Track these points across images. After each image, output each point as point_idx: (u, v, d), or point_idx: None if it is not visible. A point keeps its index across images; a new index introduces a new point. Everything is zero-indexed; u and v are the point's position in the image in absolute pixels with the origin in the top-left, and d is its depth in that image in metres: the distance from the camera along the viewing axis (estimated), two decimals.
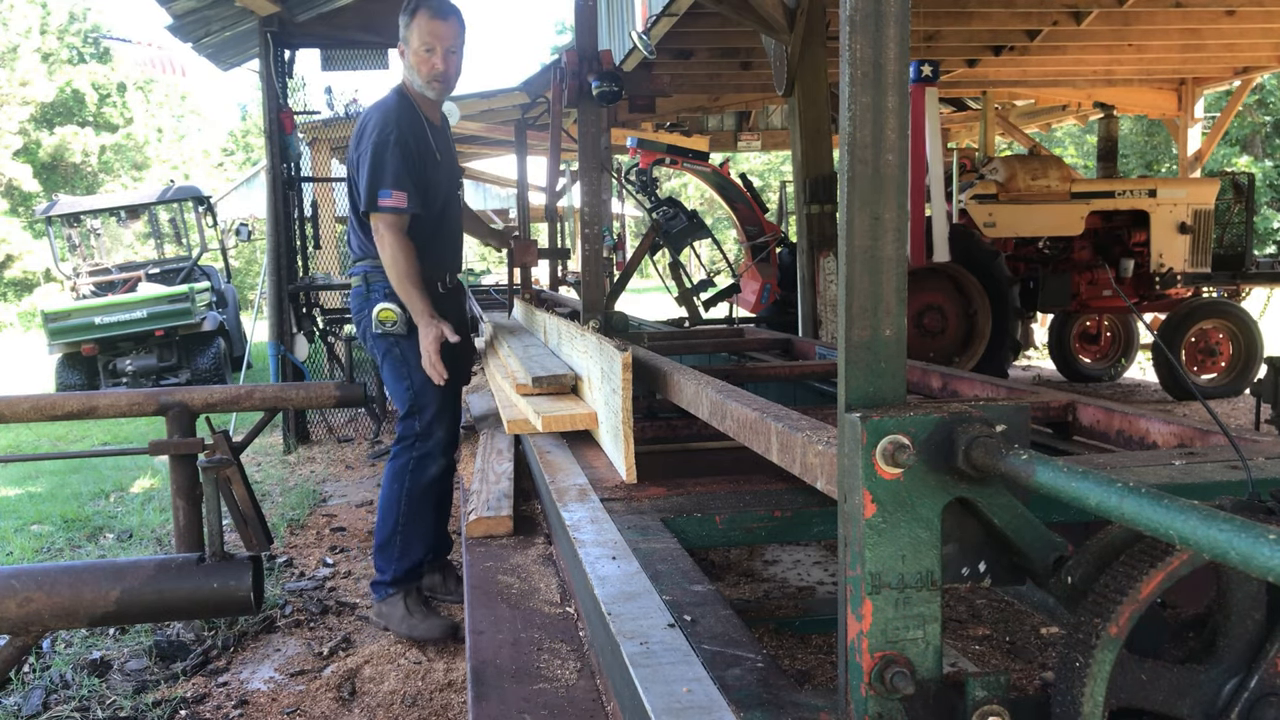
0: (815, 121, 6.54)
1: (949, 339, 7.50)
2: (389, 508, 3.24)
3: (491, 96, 10.95)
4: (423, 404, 3.20)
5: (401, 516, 3.22)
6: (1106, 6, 8.35)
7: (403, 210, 3.04)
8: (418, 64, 3.13)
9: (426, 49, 3.10)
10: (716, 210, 23.70)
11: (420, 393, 3.20)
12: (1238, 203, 8.56)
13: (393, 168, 3.03)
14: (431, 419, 3.22)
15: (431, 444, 3.24)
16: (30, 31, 30.60)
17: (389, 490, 3.25)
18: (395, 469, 3.24)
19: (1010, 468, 0.84)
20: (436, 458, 3.26)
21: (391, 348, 3.21)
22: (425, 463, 3.24)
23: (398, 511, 3.22)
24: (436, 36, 3.10)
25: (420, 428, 3.21)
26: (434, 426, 3.23)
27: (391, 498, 3.24)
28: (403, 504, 3.22)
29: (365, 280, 3.22)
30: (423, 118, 3.18)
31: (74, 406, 3.31)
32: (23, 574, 2.21)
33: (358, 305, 3.26)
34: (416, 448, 3.22)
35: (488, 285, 10.95)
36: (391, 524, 3.23)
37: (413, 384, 3.19)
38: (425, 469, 3.24)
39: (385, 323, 3.17)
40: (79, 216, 12.26)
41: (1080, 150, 24.15)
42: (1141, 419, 2.12)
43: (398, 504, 3.22)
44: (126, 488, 6.30)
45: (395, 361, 3.22)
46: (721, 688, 1.06)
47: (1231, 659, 0.89)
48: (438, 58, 3.13)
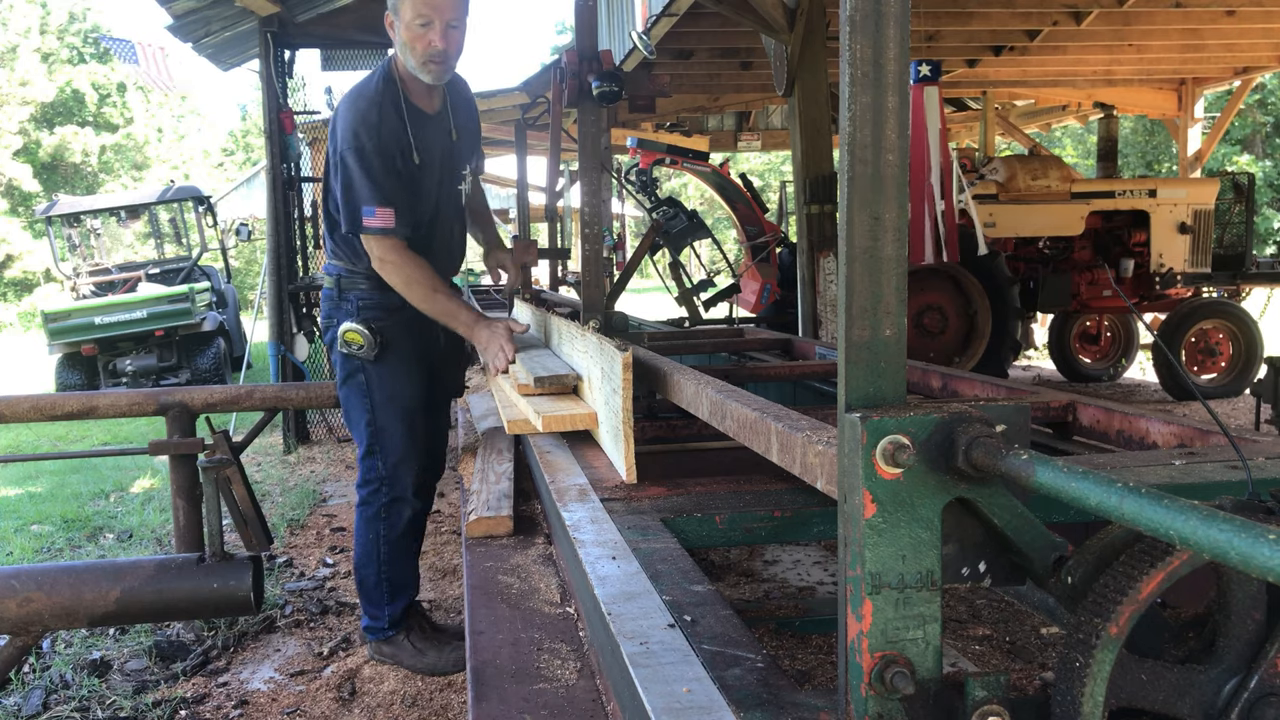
0: (815, 121, 6.54)
1: (949, 339, 7.50)
2: (368, 555, 2.90)
3: (491, 96, 10.95)
4: (386, 445, 2.81)
5: (384, 564, 2.89)
6: (1106, 6, 8.35)
7: (391, 231, 2.64)
8: (411, 40, 2.59)
9: (422, 22, 2.54)
10: (716, 210, 23.69)
11: (383, 430, 2.80)
12: (1238, 203, 8.56)
13: (374, 182, 2.61)
14: (396, 463, 2.82)
15: (400, 489, 2.85)
16: (30, 31, 30.62)
17: (364, 538, 2.90)
18: (367, 516, 2.88)
19: (1010, 468, 0.84)
20: (409, 501, 2.88)
21: (355, 372, 2.81)
22: (398, 508, 2.88)
23: (378, 559, 2.89)
24: (434, 7, 2.54)
25: (386, 469, 2.82)
26: (400, 471, 2.83)
27: (368, 545, 2.90)
28: (382, 550, 2.88)
29: (338, 285, 2.83)
30: (405, 110, 2.68)
31: (74, 406, 3.31)
32: (23, 574, 2.21)
33: (327, 310, 2.90)
34: (384, 493, 2.84)
35: (488, 285, 10.95)
36: (374, 571, 2.91)
37: (374, 419, 2.79)
38: (399, 515, 2.88)
39: (350, 344, 2.77)
40: (79, 216, 12.27)
41: (1080, 150, 24.15)
42: (1141, 419, 2.12)
43: (376, 551, 2.88)
44: (126, 488, 6.30)
45: (357, 389, 2.82)
46: (721, 688, 1.06)
47: (1231, 659, 0.89)
48: (435, 33, 2.57)
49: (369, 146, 2.60)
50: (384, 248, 2.66)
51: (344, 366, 2.82)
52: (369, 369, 2.77)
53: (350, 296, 2.79)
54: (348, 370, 2.81)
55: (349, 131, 2.61)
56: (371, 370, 2.77)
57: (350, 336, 2.74)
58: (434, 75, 2.64)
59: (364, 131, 2.60)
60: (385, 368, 2.78)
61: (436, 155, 2.79)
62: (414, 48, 2.59)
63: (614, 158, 8.76)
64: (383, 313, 2.78)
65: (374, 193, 2.61)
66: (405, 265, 2.68)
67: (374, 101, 2.63)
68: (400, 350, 2.81)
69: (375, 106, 2.62)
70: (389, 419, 2.79)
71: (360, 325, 2.74)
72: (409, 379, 2.84)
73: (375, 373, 2.77)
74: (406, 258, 2.68)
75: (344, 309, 2.79)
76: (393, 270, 2.68)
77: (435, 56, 2.60)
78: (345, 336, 2.75)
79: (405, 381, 2.83)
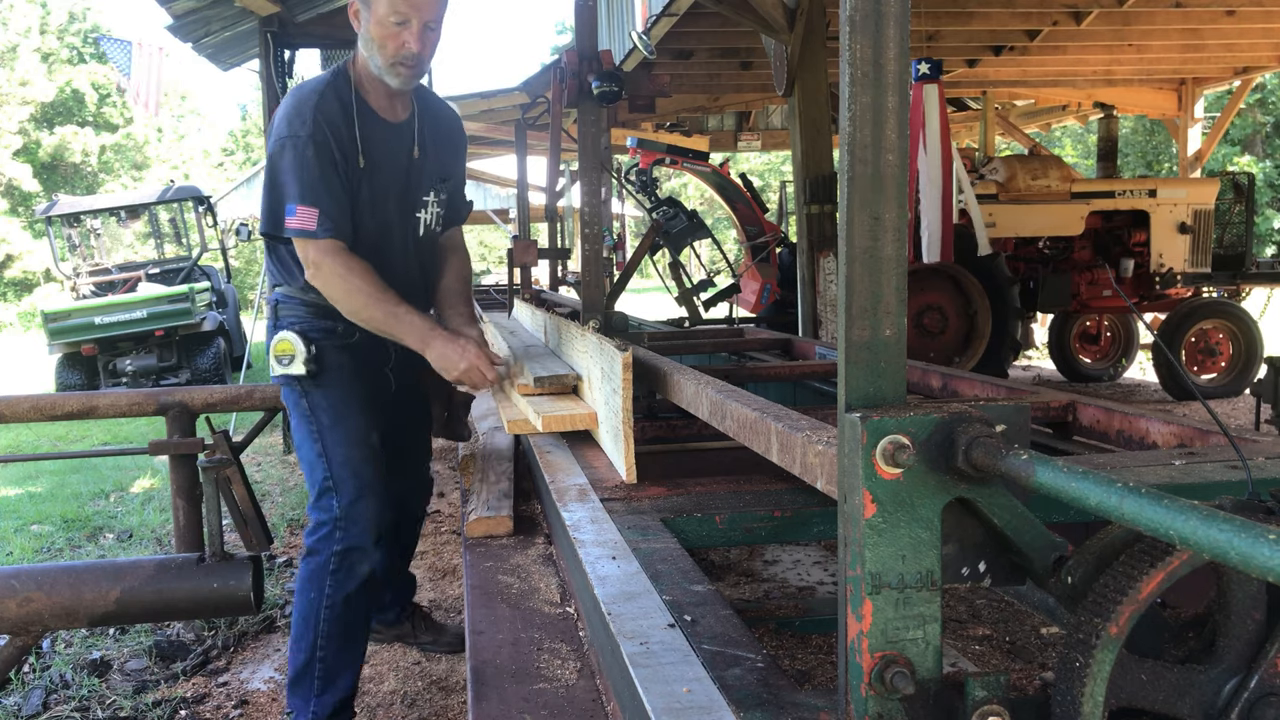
0: (815, 121, 6.54)
1: (949, 339, 7.50)
2: (303, 625, 2.36)
3: (491, 96, 10.96)
4: (340, 476, 2.35)
5: (321, 638, 2.34)
6: (1106, 6, 8.35)
7: (311, 234, 2.24)
8: (381, 38, 2.27)
9: (398, 20, 2.25)
10: (716, 210, 23.70)
11: (334, 459, 2.36)
12: (1238, 203, 8.57)
13: (303, 176, 2.24)
14: (354, 498, 2.36)
15: (358, 533, 2.35)
16: (30, 31, 30.63)
17: (304, 598, 2.37)
18: (309, 571, 2.37)
19: (1010, 468, 0.84)
20: (368, 552, 2.37)
21: (297, 398, 2.41)
22: (351, 561, 2.35)
23: (314, 630, 2.34)
24: (414, 6, 2.26)
25: (340, 509, 2.35)
26: (359, 507, 2.36)
27: (306, 611, 2.36)
28: (322, 619, 2.34)
29: (274, 311, 2.47)
30: (355, 107, 2.34)
31: (74, 406, 3.31)
32: (23, 574, 2.21)
33: (267, 342, 2.51)
34: (338, 539, 2.35)
35: (488, 285, 10.96)
36: (307, 648, 2.35)
37: (325, 447, 2.36)
38: (352, 570, 2.36)
39: (282, 359, 2.36)
40: (79, 216, 12.27)
41: (1080, 150, 24.15)
42: (1141, 419, 2.12)
43: (314, 619, 2.34)
44: (126, 488, 6.30)
45: (303, 417, 2.40)
46: (721, 688, 1.06)
47: (1231, 659, 0.90)
48: (411, 34, 2.27)
49: (303, 135, 2.24)
50: (318, 251, 2.26)
51: (288, 399, 2.44)
52: (312, 394, 2.40)
53: (284, 319, 2.45)
54: (291, 399, 2.43)
55: (283, 121, 2.28)
56: (315, 394, 2.40)
57: (281, 349, 2.36)
58: (402, 80, 2.33)
59: (298, 120, 2.25)
60: (327, 390, 2.41)
61: (389, 168, 2.42)
62: (384, 46, 2.28)
63: (614, 158, 8.75)
64: (319, 333, 2.42)
65: (300, 188, 2.23)
66: (344, 270, 2.27)
67: (316, 91, 2.30)
68: (341, 372, 2.44)
69: (316, 95, 2.29)
70: (340, 445, 2.37)
71: (291, 334, 2.36)
72: (358, 403, 2.46)
73: (319, 396, 2.40)
74: (345, 261, 2.28)
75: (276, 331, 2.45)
76: (329, 277, 2.27)
77: (407, 59, 2.30)
78: (276, 350, 2.37)
79: (354, 406, 2.45)
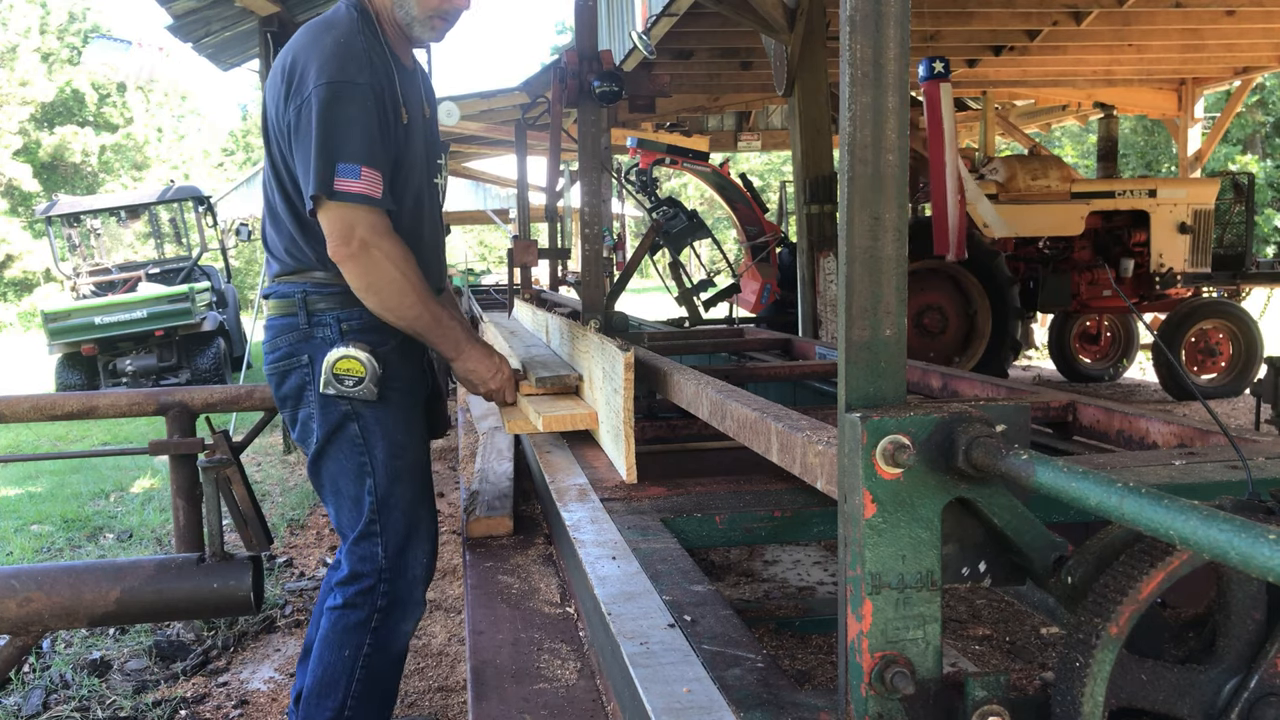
0: (815, 121, 6.55)
1: (949, 339, 7.50)
2: (331, 683, 2.00)
3: (491, 96, 10.95)
4: (390, 519, 1.98)
5: (351, 698, 2.00)
6: (1106, 6, 8.35)
7: (376, 201, 1.87)
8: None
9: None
10: (716, 210, 23.70)
11: (388, 500, 1.98)
12: (1238, 203, 8.57)
13: (364, 130, 1.86)
14: (404, 545, 2.00)
15: (405, 586, 2.01)
16: (30, 31, 30.62)
17: (335, 654, 2.00)
18: (348, 624, 1.99)
19: (1010, 468, 0.84)
20: (415, 605, 2.05)
21: (344, 422, 1.96)
22: (395, 618, 2.02)
23: (345, 691, 2.00)
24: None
25: (386, 558, 1.98)
26: (409, 556, 2.01)
27: (336, 669, 1.99)
28: (356, 680, 2.00)
29: (304, 306, 1.98)
30: (391, 59, 2.00)
31: (74, 406, 3.31)
32: (23, 574, 2.21)
33: (287, 347, 2.00)
34: (382, 593, 1.98)
35: (488, 285, 10.96)
36: (334, 708, 2.00)
37: (376, 484, 1.97)
38: (396, 628, 2.03)
39: (343, 379, 1.91)
40: (79, 216, 12.28)
41: (1080, 150, 24.16)
42: (1141, 419, 2.12)
43: (346, 679, 1.99)
44: (126, 488, 6.30)
45: (349, 447, 1.97)
46: (721, 688, 1.06)
47: (1231, 659, 0.89)
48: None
49: (361, 82, 1.86)
50: (372, 229, 1.87)
51: (326, 418, 1.96)
52: (365, 415, 1.96)
53: (327, 319, 1.98)
54: (333, 421, 1.96)
55: (332, 63, 1.86)
56: (369, 416, 1.96)
57: (345, 367, 1.92)
58: (436, 33, 2.04)
59: (353, 65, 1.87)
60: (387, 410, 1.98)
61: (417, 126, 2.08)
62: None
63: (614, 158, 8.75)
64: (378, 335, 2.00)
65: (365, 145, 1.85)
66: (399, 258, 1.90)
67: (355, 30, 1.92)
68: (401, 390, 2.05)
69: (358, 35, 1.91)
70: (396, 481, 1.99)
71: (356, 350, 1.93)
72: (415, 423, 2.10)
73: (374, 418, 1.96)
74: (399, 246, 1.92)
75: (319, 337, 1.98)
76: (379, 263, 1.88)
77: (450, 14, 2.03)
78: (336, 369, 1.91)
79: (412, 427, 2.07)
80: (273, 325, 2.04)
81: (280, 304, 2.02)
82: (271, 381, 2.05)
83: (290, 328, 2.00)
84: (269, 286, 2.07)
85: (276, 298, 2.03)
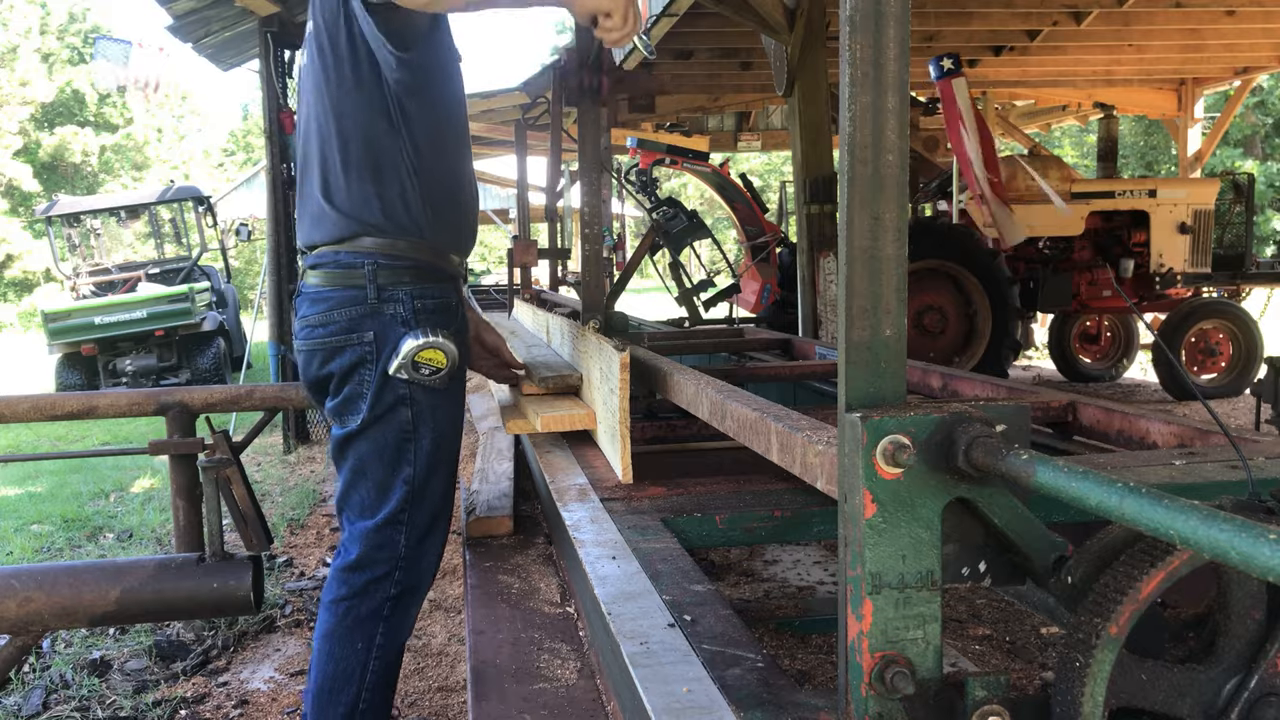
0: (815, 121, 6.55)
1: (949, 339, 7.50)
2: (345, 675, 1.87)
3: (491, 96, 10.95)
4: (418, 512, 1.88)
5: (365, 690, 1.88)
6: (1106, 6, 8.35)
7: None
8: None
9: None
10: (716, 210, 23.69)
11: (423, 491, 1.88)
12: (1238, 203, 8.57)
13: None
14: (425, 533, 1.91)
15: (418, 574, 1.92)
16: (30, 31, 30.62)
17: (346, 648, 1.87)
18: (359, 616, 1.87)
19: (1010, 468, 0.84)
20: (421, 593, 1.97)
21: (400, 406, 1.84)
22: (406, 604, 1.93)
23: (359, 684, 1.88)
24: None
25: (405, 547, 1.88)
26: (428, 544, 1.92)
27: (350, 666, 1.87)
28: (371, 669, 1.88)
29: (373, 278, 1.81)
30: None
31: (74, 406, 3.31)
32: (23, 574, 2.21)
33: (346, 321, 1.83)
34: (396, 580, 1.88)
35: (488, 285, 10.96)
36: (347, 702, 1.87)
37: (415, 474, 1.86)
38: (407, 613, 1.95)
39: (422, 367, 1.80)
40: (79, 216, 12.28)
41: (1079, 150, 24.15)
42: (1141, 419, 2.12)
43: (360, 674, 1.87)
44: (126, 488, 6.30)
45: (398, 432, 1.85)
46: (721, 688, 1.06)
47: (1231, 659, 0.90)
48: None
49: None
50: None
51: (380, 400, 1.83)
52: (421, 402, 1.84)
53: (399, 294, 1.82)
54: (386, 405, 1.83)
55: None
56: (424, 403, 1.85)
57: (428, 356, 1.81)
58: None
59: None
60: (440, 399, 1.88)
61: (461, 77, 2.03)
62: None
63: (614, 158, 8.76)
64: (447, 316, 1.89)
65: None
66: None
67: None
68: (460, 372, 1.94)
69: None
70: (433, 474, 1.90)
71: (444, 340, 1.82)
72: (461, 414, 2.00)
73: (428, 406, 1.85)
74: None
75: (389, 314, 1.82)
76: None
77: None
78: (419, 356, 1.80)
79: (457, 419, 1.97)
80: (327, 297, 1.83)
81: (339, 274, 1.83)
82: (314, 358, 1.85)
83: (354, 300, 1.82)
84: (320, 254, 1.86)
85: (335, 267, 1.83)
